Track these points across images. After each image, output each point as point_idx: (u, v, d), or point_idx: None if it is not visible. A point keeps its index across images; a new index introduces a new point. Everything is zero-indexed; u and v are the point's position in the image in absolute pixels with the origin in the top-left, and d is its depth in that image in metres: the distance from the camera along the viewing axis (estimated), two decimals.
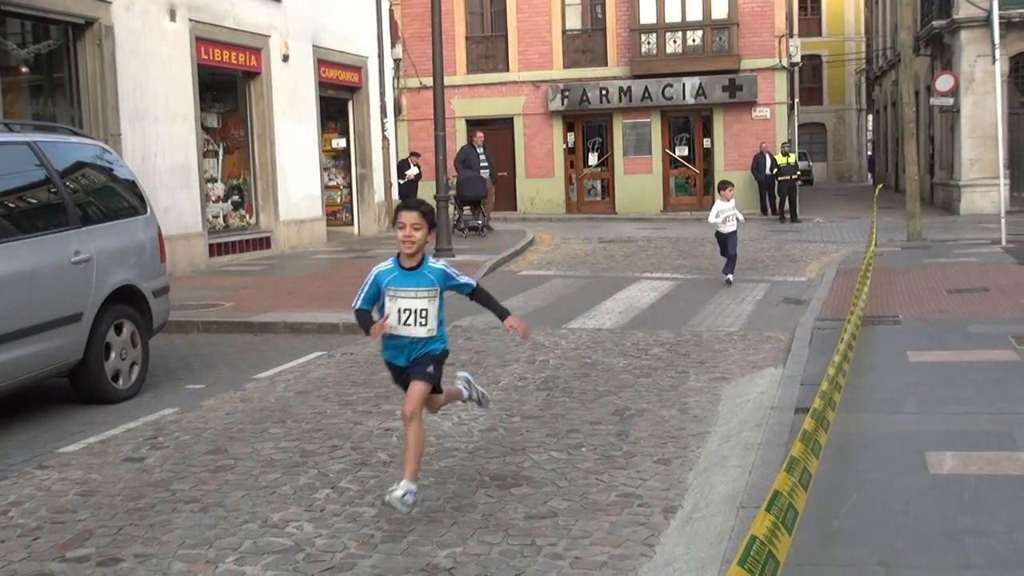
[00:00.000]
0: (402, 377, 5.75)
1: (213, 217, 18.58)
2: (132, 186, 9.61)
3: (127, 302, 8.91)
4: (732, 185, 15.89)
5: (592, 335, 11.24)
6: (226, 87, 19.29)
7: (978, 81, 27.33)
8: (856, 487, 5.48)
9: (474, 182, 22.70)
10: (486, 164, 23.39)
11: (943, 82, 26.01)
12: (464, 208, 23.00)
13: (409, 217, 5.59)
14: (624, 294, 14.23)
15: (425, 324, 5.61)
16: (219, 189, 18.99)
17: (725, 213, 15.28)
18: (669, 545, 5.16)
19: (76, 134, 9.76)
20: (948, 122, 29.93)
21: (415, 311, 5.58)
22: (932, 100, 26.93)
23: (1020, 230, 21.16)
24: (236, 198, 19.46)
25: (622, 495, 5.94)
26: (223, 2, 18.28)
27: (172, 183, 16.70)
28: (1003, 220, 19.61)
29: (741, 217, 15.62)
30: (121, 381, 8.71)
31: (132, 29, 15.90)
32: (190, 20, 17.30)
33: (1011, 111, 27.24)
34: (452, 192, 22.45)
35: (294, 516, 5.69)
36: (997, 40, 20.00)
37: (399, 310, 5.58)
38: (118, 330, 8.74)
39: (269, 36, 19.63)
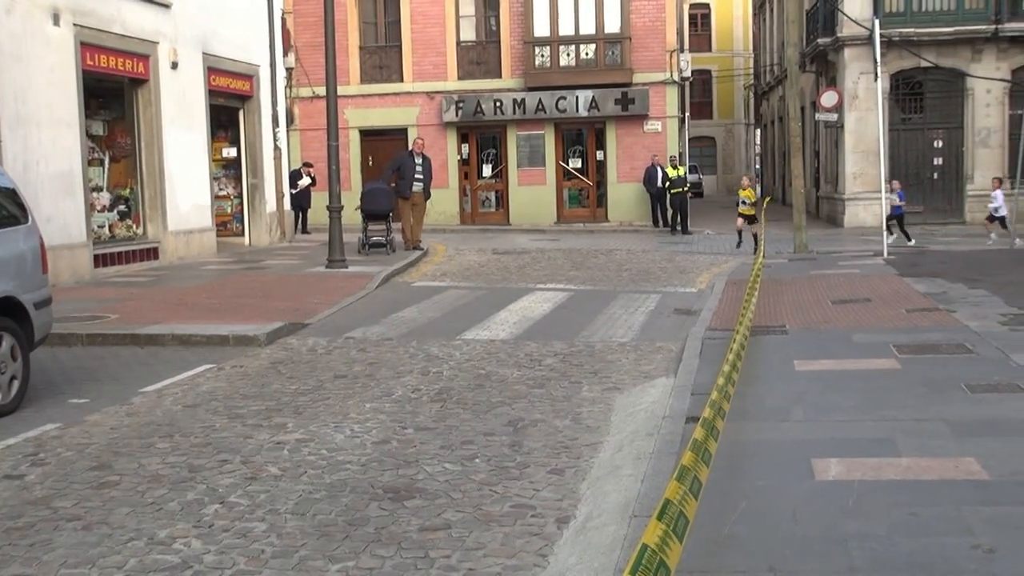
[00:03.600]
0: None
1: (98, 227, 18.10)
2: (12, 195, 9.32)
3: (7, 314, 8.63)
4: None
5: (486, 346, 11.24)
6: (113, 94, 18.84)
7: (861, 98, 28.18)
8: (745, 495, 5.57)
9: (377, 195, 20.90)
10: (421, 176, 21.59)
11: (828, 98, 26.78)
12: (369, 223, 21.02)
13: None
14: (518, 305, 14.27)
15: None
16: (105, 198, 18.52)
17: None
18: (563, 555, 5.18)
19: None
20: (832, 137, 30.78)
21: None
22: (817, 116, 27.69)
23: (901, 242, 21.85)
24: (122, 207, 18.99)
25: (516, 506, 5.94)
26: (110, 7, 17.85)
27: (55, 192, 16.23)
28: (885, 233, 20.29)
29: None
30: (0, 396, 8.42)
31: (13, 32, 15.43)
32: (75, 25, 16.86)
33: (892, 127, 28.14)
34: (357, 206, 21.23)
35: (181, 532, 5.56)
36: (879, 58, 20.68)
37: None
38: None
39: (157, 43, 19.23)
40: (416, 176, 21.59)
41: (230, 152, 23.51)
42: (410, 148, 22.42)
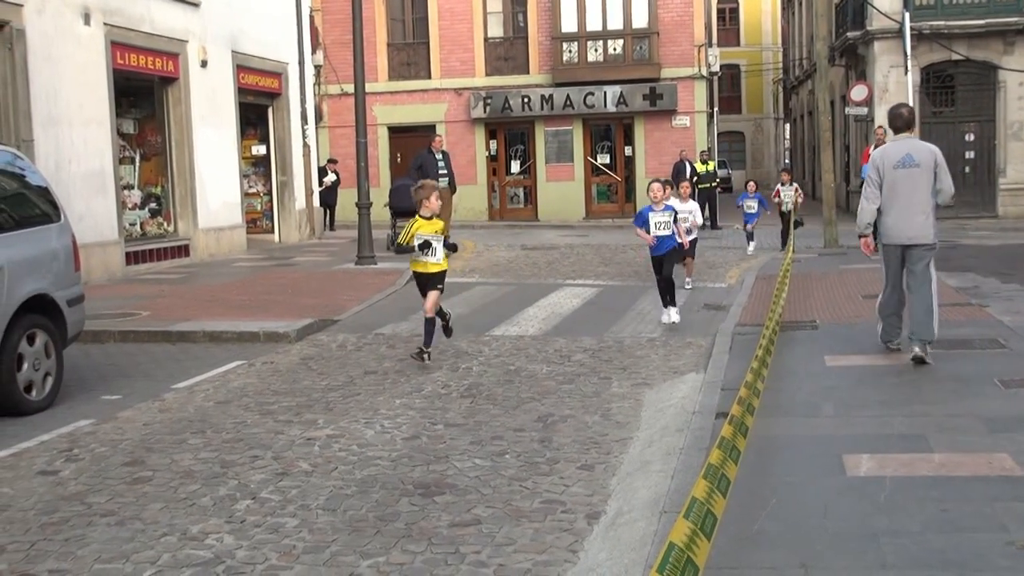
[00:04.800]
0: None
1: (130, 225, 18.25)
2: (45, 193, 9.40)
3: (40, 311, 8.71)
4: None
5: (515, 342, 11.25)
6: (143, 92, 18.97)
7: (891, 91, 27.96)
8: (775, 490, 5.55)
9: (405, 192, 19.45)
10: (445, 172, 21.52)
11: (857, 92, 26.62)
12: (397, 220, 20.20)
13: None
14: (547, 301, 14.27)
15: None
16: (136, 196, 18.67)
17: None
18: (593, 551, 5.18)
19: None
20: (863, 131, 30.56)
21: None
22: (847, 110, 27.54)
23: None
24: (153, 205, 19.13)
25: (546, 501, 5.94)
26: (139, 6, 17.98)
27: (87, 190, 16.37)
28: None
29: None
30: (34, 392, 8.50)
31: (45, 32, 15.56)
32: (105, 24, 16.99)
33: (922, 121, 27.85)
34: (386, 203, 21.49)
35: (214, 528, 5.60)
36: (909, 51, 20.55)
37: None
38: (31, 340, 8.54)
39: (187, 41, 19.35)
40: (440, 172, 21.63)
41: (259, 150, 23.62)
42: (429, 147, 22.45)
